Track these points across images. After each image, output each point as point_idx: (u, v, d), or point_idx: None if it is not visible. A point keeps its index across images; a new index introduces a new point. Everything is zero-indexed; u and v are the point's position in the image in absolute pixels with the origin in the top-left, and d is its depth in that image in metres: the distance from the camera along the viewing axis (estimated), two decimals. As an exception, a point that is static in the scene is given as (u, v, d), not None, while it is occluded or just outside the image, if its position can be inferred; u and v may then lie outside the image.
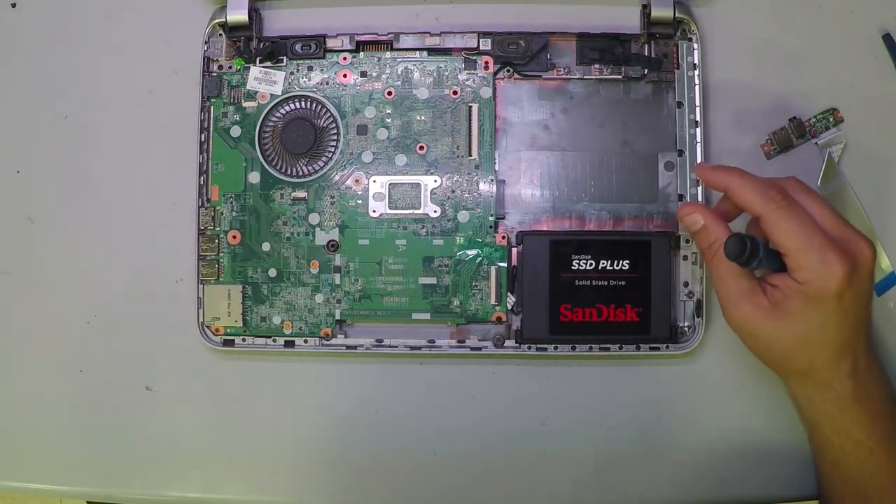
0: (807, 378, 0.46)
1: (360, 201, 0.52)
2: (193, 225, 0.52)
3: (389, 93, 0.52)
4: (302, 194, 0.52)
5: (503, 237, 0.51)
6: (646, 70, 0.52)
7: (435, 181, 0.52)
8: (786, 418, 0.51)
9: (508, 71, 0.52)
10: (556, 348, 0.51)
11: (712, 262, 0.46)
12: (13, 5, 0.55)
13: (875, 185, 0.52)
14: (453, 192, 0.52)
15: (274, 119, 0.52)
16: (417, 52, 0.52)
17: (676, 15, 0.51)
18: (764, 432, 0.52)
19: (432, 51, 0.52)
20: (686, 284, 0.51)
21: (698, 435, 0.52)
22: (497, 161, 0.52)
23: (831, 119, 0.52)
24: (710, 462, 0.52)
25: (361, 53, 0.52)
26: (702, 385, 0.52)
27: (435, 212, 0.52)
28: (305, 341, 0.52)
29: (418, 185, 0.52)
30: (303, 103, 0.52)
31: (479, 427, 0.53)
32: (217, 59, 0.52)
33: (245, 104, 0.52)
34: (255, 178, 0.52)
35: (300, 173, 0.52)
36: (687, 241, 0.51)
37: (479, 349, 0.51)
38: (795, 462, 0.51)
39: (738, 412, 0.52)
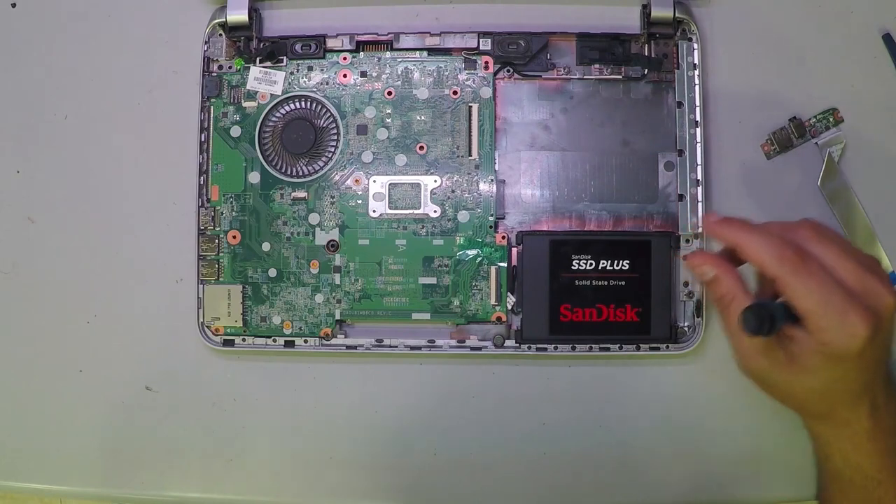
0: (824, 420, 0.45)
1: (360, 201, 0.52)
2: (193, 225, 0.52)
3: (389, 93, 0.52)
4: (302, 194, 0.52)
5: (503, 237, 0.51)
6: (646, 70, 0.52)
7: (435, 181, 0.52)
8: (786, 419, 0.51)
9: (508, 71, 0.52)
10: (556, 348, 0.51)
11: (725, 313, 0.44)
12: (13, 5, 0.55)
13: (875, 185, 0.52)
14: (453, 192, 0.52)
15: (274, 119, 0.52)
16: (417, 52, 0.52)
17: (676, 15, 0.51)
18: (764, 432, 0.52)
19: (432, 51, 0.52)
20: (686, 284, 0.51)
21: (698, 435, 0.52)
22: (497, 161, 0.52)
23: (831, 119, 0.52)
24: (710, 462, 0.52)
25: (361, 53, 0.52)
26: (702, 385, 0.52)
27: (435, 212, 0.52)
28: (305, 341, 0.52)
29: (418, 185, 0.52)
30: (303, 103, 0.52)
31: (479, 427, 0.53)
32: (217, 59, 0.52)
33: (245, 104, 0.52)
34: (255, 178, 0.52)
35: (300, 173, 0.52)
36: (687, 241, 0.51)
37: (479, 349, 0.51)
38: (795, 462, 0.51)
39: (739, 412, 0.52)
